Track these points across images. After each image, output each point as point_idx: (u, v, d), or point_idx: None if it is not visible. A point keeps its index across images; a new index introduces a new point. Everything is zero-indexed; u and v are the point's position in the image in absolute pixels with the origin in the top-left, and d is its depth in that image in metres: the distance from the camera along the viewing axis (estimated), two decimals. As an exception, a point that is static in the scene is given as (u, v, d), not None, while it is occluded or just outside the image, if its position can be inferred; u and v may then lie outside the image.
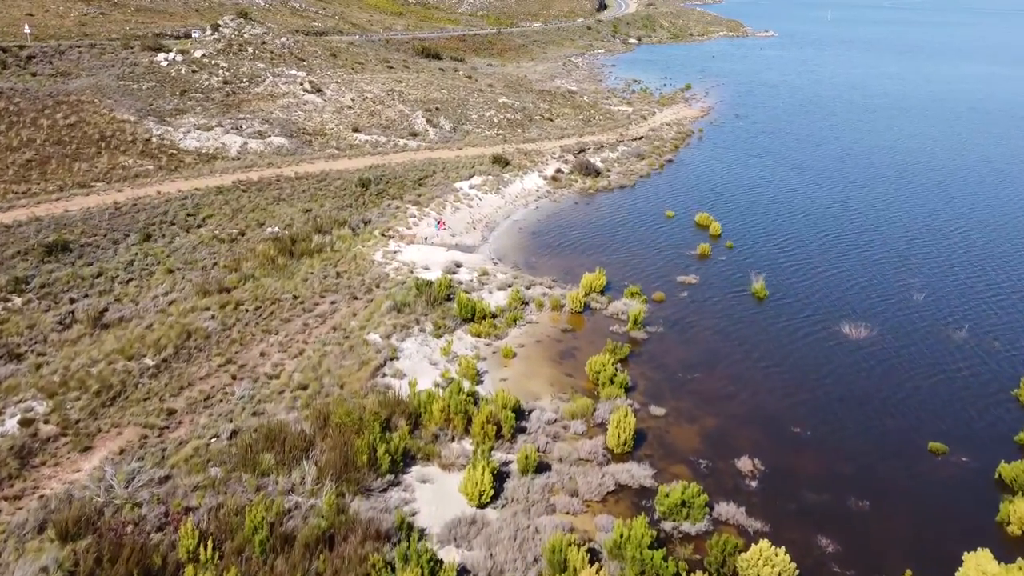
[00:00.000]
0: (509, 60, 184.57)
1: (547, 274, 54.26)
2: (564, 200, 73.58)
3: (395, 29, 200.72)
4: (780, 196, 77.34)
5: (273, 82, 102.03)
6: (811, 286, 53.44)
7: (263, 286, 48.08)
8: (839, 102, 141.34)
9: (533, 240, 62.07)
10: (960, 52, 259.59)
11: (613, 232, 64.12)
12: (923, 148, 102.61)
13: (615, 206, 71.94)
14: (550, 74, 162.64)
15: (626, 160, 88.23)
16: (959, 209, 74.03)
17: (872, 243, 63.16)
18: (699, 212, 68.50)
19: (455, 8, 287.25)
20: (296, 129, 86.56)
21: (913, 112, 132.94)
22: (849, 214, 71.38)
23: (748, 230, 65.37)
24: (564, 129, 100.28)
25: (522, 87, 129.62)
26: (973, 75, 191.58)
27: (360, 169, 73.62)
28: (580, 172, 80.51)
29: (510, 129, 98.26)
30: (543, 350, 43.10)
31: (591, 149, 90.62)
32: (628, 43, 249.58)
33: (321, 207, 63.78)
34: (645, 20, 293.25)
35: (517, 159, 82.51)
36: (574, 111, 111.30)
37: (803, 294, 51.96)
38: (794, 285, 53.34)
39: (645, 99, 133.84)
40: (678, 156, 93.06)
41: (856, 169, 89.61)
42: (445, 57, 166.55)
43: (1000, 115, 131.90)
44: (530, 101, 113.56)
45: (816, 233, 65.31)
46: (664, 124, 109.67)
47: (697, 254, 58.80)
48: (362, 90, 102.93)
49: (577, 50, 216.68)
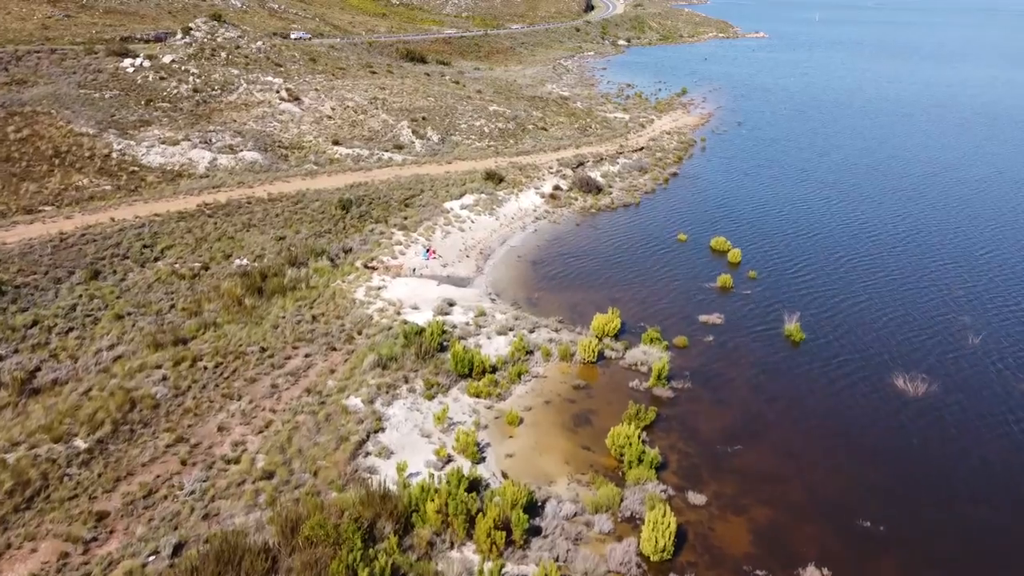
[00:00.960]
0: (497, 63, 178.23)
1: (552, 312, 47.96)
2: (564, 221, 67.33)
3: (378, 31, 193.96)
4: (794, 213, 71.45)
5: (247, 90, 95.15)
6: (848, 325, 47.42)
7: (226, 335, 41.47)
8: (840, 108, 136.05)
9: (534, 271, 55.73)
10: (955, 54, 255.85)
11: (621, 260, 57.89)
12: (934, 158, 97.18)
13: (621, 228, 65.75)
14: (540, 78, 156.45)
15: (628, 174, 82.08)
16: (987, 227, 68.41)
17: (904, 269, 57.28)
18: (714, 235, 62.49)
19: (440, 9, 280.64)
20: (271, 142, 79.78)
21: (917, 118, 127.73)
22: (870, 234, 65.57)
23: (768, 256, 59.32)
24: (560, 140, 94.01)
25: (512, 93, 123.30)
26: (973, 79, 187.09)
27: (340, 188, 67.01)
28: (580, 189, 74.27)
29: (502, 140, 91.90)
30: (554, 414, 36.78)
31: (590, 162, 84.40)
32: (618, 45, 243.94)
33: (296, 234, 57.17)
34: (634, 21, 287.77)
35: (512, 174, 76.14)
36: (569, 119, 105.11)
37: (842, 335, 45.91)
38: (830, 324, 47.30)
39: (641, 105, 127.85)
40: (682, 168, 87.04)
41: (868, 181, 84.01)
42: (431, 61, 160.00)
43: (1007, 121, 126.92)
44: (522, 109, 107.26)
45: (841, 259, 59.36)
46: (664, 133, 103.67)
47: (718, 287, 52.67)
48: (343, 98, 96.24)
49: (566, 52, 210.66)
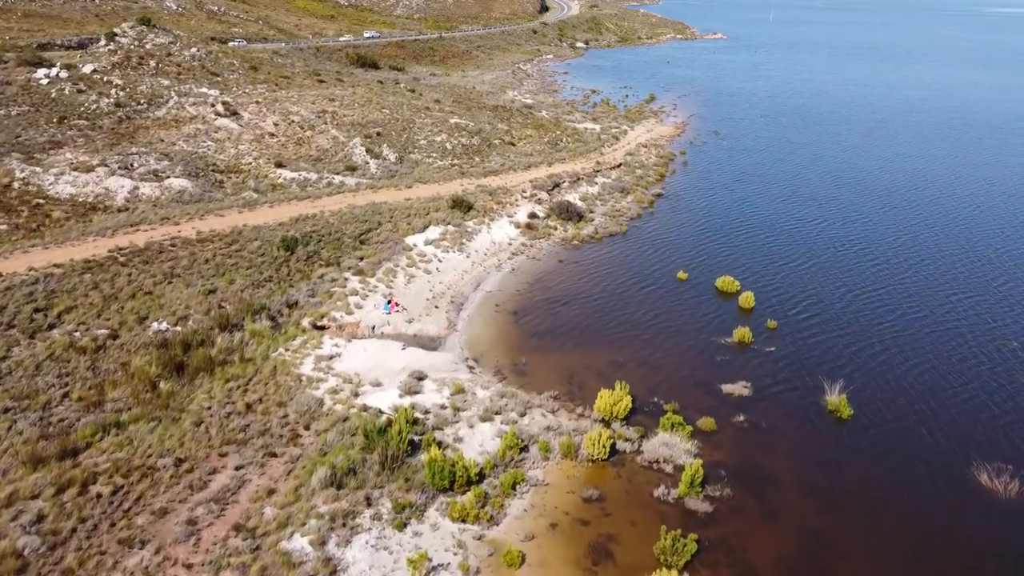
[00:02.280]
0: (453, 68, 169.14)
1: (544, 384, 39.39)
2: (545, 257, 58.77)
3: (326, 35, 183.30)
4: (796, 240, 64.09)
5: (178, 103, 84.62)
6: (897, 391, 39.81)
7: (132, 441, 31.96)
8: (812, 114, 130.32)
9: (517, 324, 47.03)
10: (911, 54, 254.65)
11: (617, 308, 49.53)
12: (921, 170, 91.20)
13: (610, 265, 57.41)
14: (500, 84, 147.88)
15: (609, 196, 73.89)
16: (1007, 254, 61.91)
17: (943, 312, 50.06)
18: (716, 272, 54.78)
19: (390, 11, 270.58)
20: (203, 165, 69.65)
21: (890, 124, 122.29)
22: (886, 261, 58.50)
23: (783, 298, 51.57)
24: (530, 156, 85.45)
25: (474, 102, 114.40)
26: (936, 81, 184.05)
27: (284, 223, 57.40)
28: (559, 216, 65.82)
29: (466, 157, 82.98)
30: (564, 544, 28.20)
31: (566, 183, 75.99)
32: (576, 47, 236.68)
33: (230, 284, 47.53)
34: (591, 23, 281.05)
35: (481, 200, 67.33)
36: (537, 132, 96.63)
37: (893, 407, 38.24)
38: (875, 391, 39.61)
39: (610, 113, 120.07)
40: (666, 187, 79.20)
41: (863, 198, 77.49)
42: (383, 66, 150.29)
43: (983, 126, 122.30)
44: (486, 121, 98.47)
45: (865, 299, 51.95)
46: (640, 146, 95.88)
47: (735, 342, 44.63)
48: (288, 112, 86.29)
49: (525, 56, 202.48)
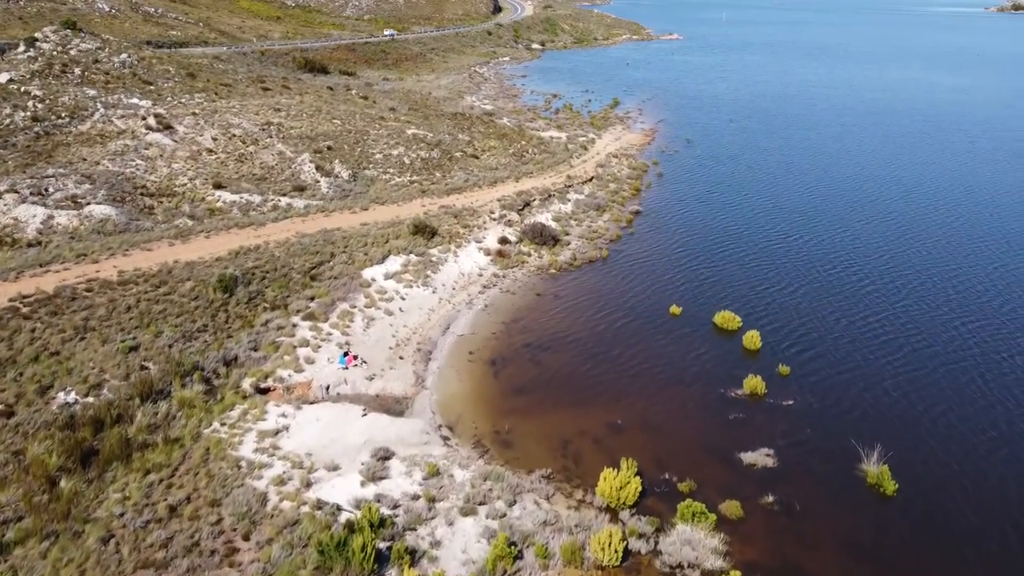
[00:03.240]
0: (407, 72, 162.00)
1: (534, 458, 33.24)
2: (521, 289, 52.53)
3: (272, 37, 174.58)
4: (793, 262, 58.98)
5: (105, 116, 76.38)
6: (934, 450, 34.58)
7: (19, 573, 24.88)
8: (778, 118, 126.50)
9: (495, 377, 40.74)
10: (866, 54, 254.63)
11: (607, 353, 43.57)
12: (896, 177, 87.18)
13: (594, 298, 51.44)
14: (457, 89, 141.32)
15: (583, 214, 68.03)
16: (996, 266, 57.70)
17: (947, 340, 45.23)
18: (712, 305, 49.35)
19: (339, 11, 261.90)
20: (131, 188, 61.89)
21: (859, 128, 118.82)
22: (879, 281, 53.70)
23: (792, 335, 46.19)
24: (495, 170, 79.15)
25: (431, 110, 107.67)
26: (895, 81, 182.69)
27: (222, 258, 50.14)
28: (532, 240, 59.70)
29: (427, 173, 76.33)
30: None
31: (537, 200, 69.90)
32: (532, 49, 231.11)
33: (156, 338, 40.32)
34: (546, 24, 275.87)
35: (446, 224, 60.85)
36: (501, 143, 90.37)
37: (938, 473, 32.94)
38: (919, 456, 34.28)
39: (575, 120, 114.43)
40: (643, 203, 73.68)
41: (840, 208, 73.26)
42: (333, 71, 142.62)
43: (951, 130, 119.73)
44: (445, 131, 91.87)
45: (868, 330, 46.92)
46: (611, 156, 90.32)
47: (747, 394, 39.00)
48: (228, 124, 78.60)
49: (480, 58, 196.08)
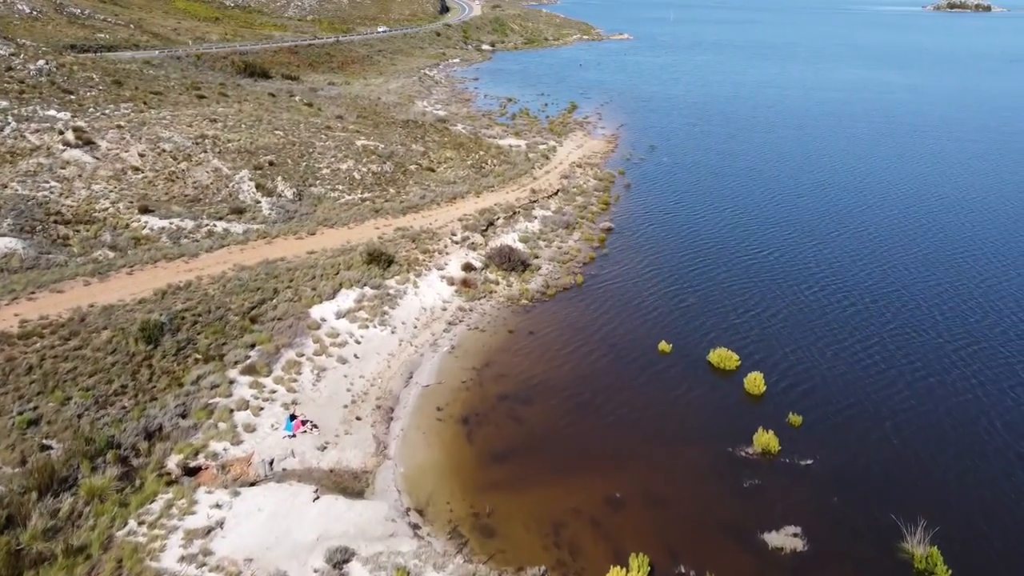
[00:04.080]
0: (354, 75, 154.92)
1: (522, 550, 27.85)
2: (490, 325, 46.95)
3: (209, 40, 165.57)
4: (767, 279, 54.73)
5: (16, 131, 68.44)
6: (978, 520, 30.17)
7: None
8: (734, 120, 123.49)
9: (469, 441, 35.14)
10: (815, 53, 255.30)
11: (595, 403, 38.34)
12: (865, 184, 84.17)
13: (572, 333, 46.16)
14: (407, 93, 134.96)
15: (552, 233, 62.77)
16: (983, 282, 54.29)
17: (957, 375, 41.22)
18: (701, 336, 44.66)
19: (281, 12, 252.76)
20: (43, 216, 54.54)
21: (818, 132, 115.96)
22: (871, 305, 49.61)
23: (788, 368, 41.69)
24: (453, 184, 73.37)
25: (381, 117, 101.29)
26: (846, 82, 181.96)
27: (147, 300, 43.47)
28: (499, 265, 54.18)
29: (379, 189, 70.19)
30: None
31: (501, 219, 64.40)
32: (483, 50, 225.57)
33: (63, 406, 33.72)
34: (495, 24, 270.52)
35: (403, 249, 54.96)
36: (458, 153, 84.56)
37: (993, 552, 28.48)
38: (968, 531, 29.76)
39: (533, 126, 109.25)
40: (614, 219, 68.78)
41: (815, 219, 69.33)
42: (275, 75, 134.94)
43: (910, 131, 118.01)
44: (397, 140, 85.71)
45: (872, 364, 42.71)
46: (575, 166, 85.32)
47: (758, 452, 34.15)
48: (158, 138, 71.29)
49: (430, 60, 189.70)
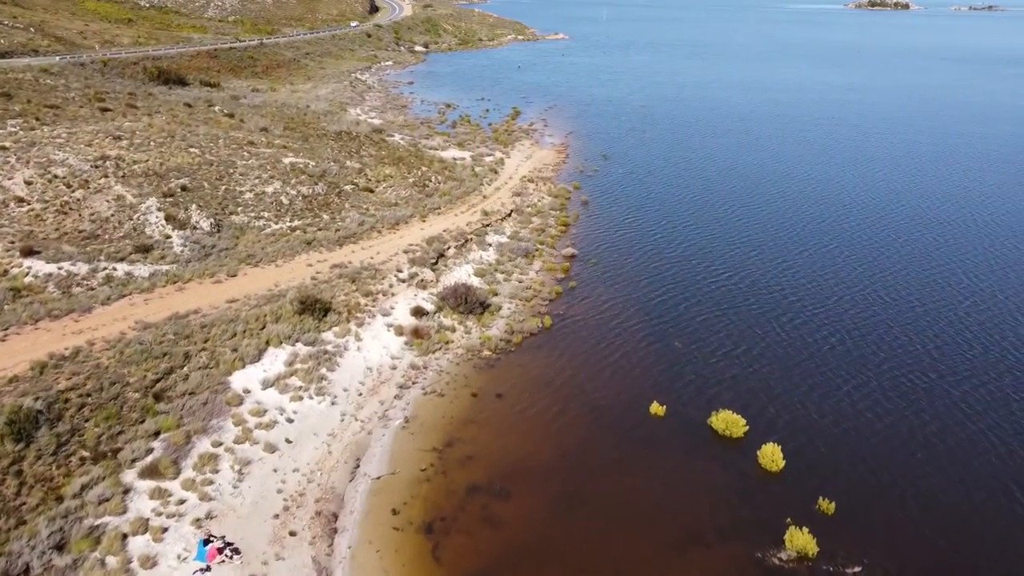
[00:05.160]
0: (280, 81, 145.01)
1: None
2: (449, 386, 39.63)
3: (120, 44, 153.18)
4: (751, 312, 49.12)
5: None
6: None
7: None
8: (681, 125, 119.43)
9: (435, 557, 27.85)
10: (752, 53, 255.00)
11: (584, 492, 31.51)
12: (824, 193, 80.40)
13: (547, 394, 39.24)
14: (339, 100, 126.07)
15: (511, 264, 55.80)
16: (972, 307, 49.80)
17: (984, 445, 36.00)
18: (696, 393, 38.30)
19: (200, 12, 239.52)
20: (-102, 265, 44.86)
21: (762, 135, 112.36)
22: (867, 341, 44.35)
23: (800, 432, 35.73)
24: (395, 207, 65.73)
25: (310, 128, 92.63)
26: (786, 81, 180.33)
27: (21, 378, 34.78)
28: (454, 307, 46.93)
29: (311, 215, 62.05)
30: None
31: (451, 247, 57.11)
32: (416, 52, 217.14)
33: None
34: (428, 24, 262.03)
35: (342, 292, 47.21)
36: (398, 169, 76.80)
37: None
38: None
39: (476, 135, 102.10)
40: (575, 242, 62.23)
41: (784, 239, 64.27)
42: (193, 83, 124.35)
43: (859, 134, 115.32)
44: (330, 156, 77.44)
45: (891, 420, 37.21)
46: (526, 181, 78.55)
47: (794, 558, 27.84)
48: (50, 161, 61.63)
49: (361, 63, 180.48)
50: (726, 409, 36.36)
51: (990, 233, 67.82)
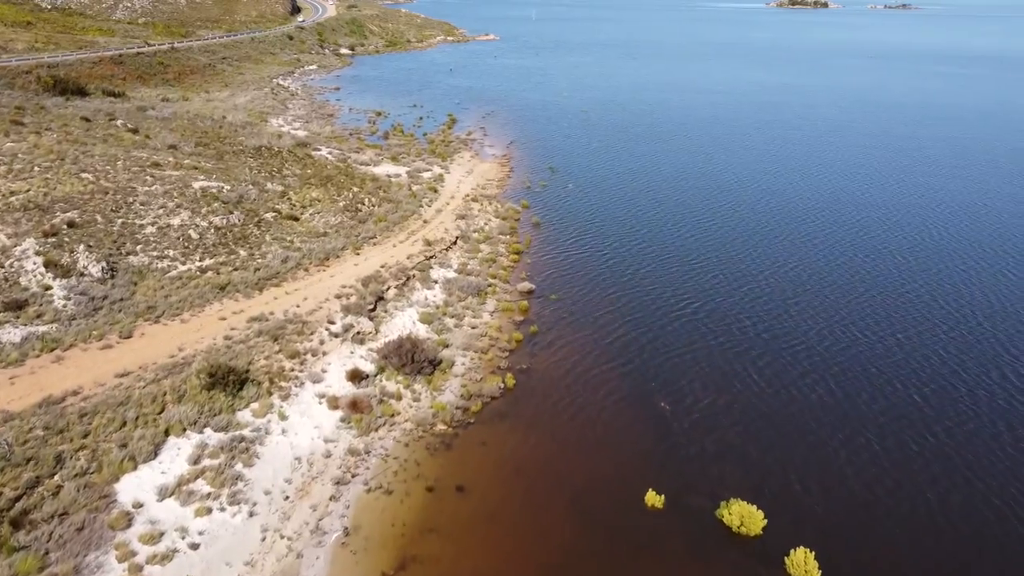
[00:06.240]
0: (194, 89, 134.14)
1: None
2: (399, 478, 32.27)
3: (14, 49, 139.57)
4: (750, 357, 43.38)
5: None
6: None
7: None
8: (622, 130, 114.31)
9: None
10: (684, 53, 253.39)
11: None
12: (781, 207, 75.96)
13: (516, 483, 32.34)
14: (259, 109, 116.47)
15: (461, 305, 48.66)
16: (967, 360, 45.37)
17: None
18: (706, 481, 31.92)
19: (107, 14, 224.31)
20: None
21: (705, 141, 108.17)
22: (869, 387, 39.11)
23: (849, 536, 29.74)
24: (324, 238, 57.82)
25: (226, 144, 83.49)
26: (721, 82, 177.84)
27: None
28: (399, 367, 39.59)
29: (225, 252, 53.60)
30: None
31: (391, 287, 49.63)
32: (341, 55, 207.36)
33: None
34: (352, 25, 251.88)
35: (262, 356, 39.32)
36: (326, 192, 68.68)
37: None
38: None
39: (411, 146, 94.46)
40: (532, 274, 55.43)
41: (754, 253, 59.11)
42: (95, 92, 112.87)
43: (804, 139, 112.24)
44: (248, 177, 68.82)
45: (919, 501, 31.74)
46: (469, 199, 71.46)
47: None
48: (-95, 195, 51.63)
49: (283, 68, 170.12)
50: (736, 499, 30.08)
51: (967, 242, 63.99)
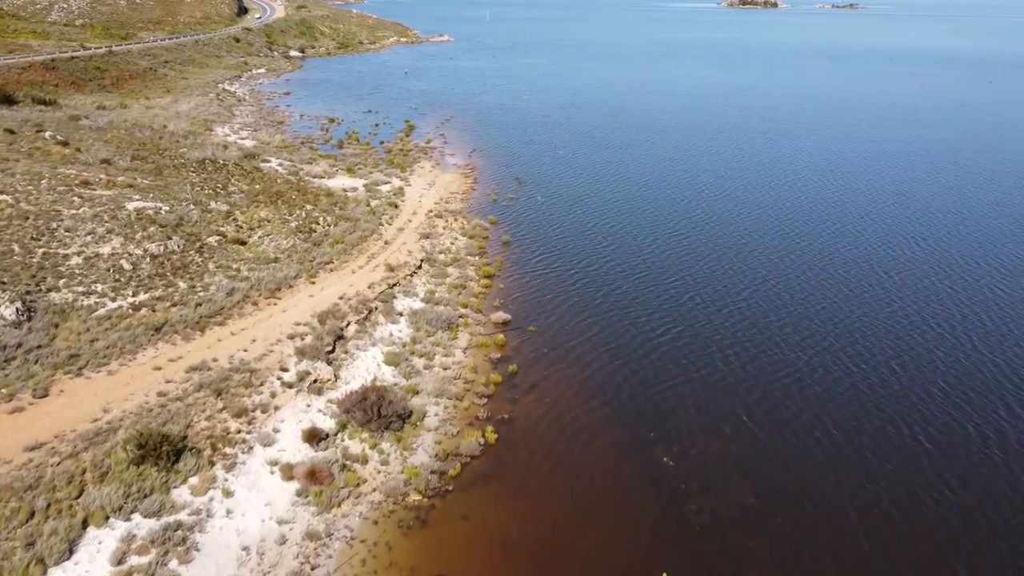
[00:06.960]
0: (133, 95, 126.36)
1: None
2: (367, 568, 27.13)
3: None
4: (753, 395, 39.43)
5: None
6: None
7: None
8: (586, 135, 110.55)
9: None
10: (639, 53, 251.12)
11: None
12: (757, 219, 72.78)
13: (510, 569, 27.57)
14: (203, 117, 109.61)
15: (431, 342, 43.68)
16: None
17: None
18: (728, 557, 27.55)
19: (42, 16, 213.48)
20: None
21: (672, 147, 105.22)
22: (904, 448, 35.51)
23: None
24: (274, 265, 52.27)
25: (166, 156, 77.05)
26: (679, 83, 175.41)
27: None
28: (364, 423, 34.53)
29: (163, 284, 47.76)
30: None
31: (351, 323, 44.43)
32: (291, 57, 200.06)
33: None
34: (302, 27, 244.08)
35: (203, 415, 33.87)
36: (276, 210, 62.98)
37: None
38: None
39: (367, 156, 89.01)
40: (505, 302, 50.66)
41: (738, 272, 55.49)
42: (23, 100, 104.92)
43: (767, 139, 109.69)
44: (190, 196, 62.77)
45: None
46: (432, 215, 66.47)
47: None
48: None
49: (230, 72, 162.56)
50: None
51: (959, 250, 61.16)
